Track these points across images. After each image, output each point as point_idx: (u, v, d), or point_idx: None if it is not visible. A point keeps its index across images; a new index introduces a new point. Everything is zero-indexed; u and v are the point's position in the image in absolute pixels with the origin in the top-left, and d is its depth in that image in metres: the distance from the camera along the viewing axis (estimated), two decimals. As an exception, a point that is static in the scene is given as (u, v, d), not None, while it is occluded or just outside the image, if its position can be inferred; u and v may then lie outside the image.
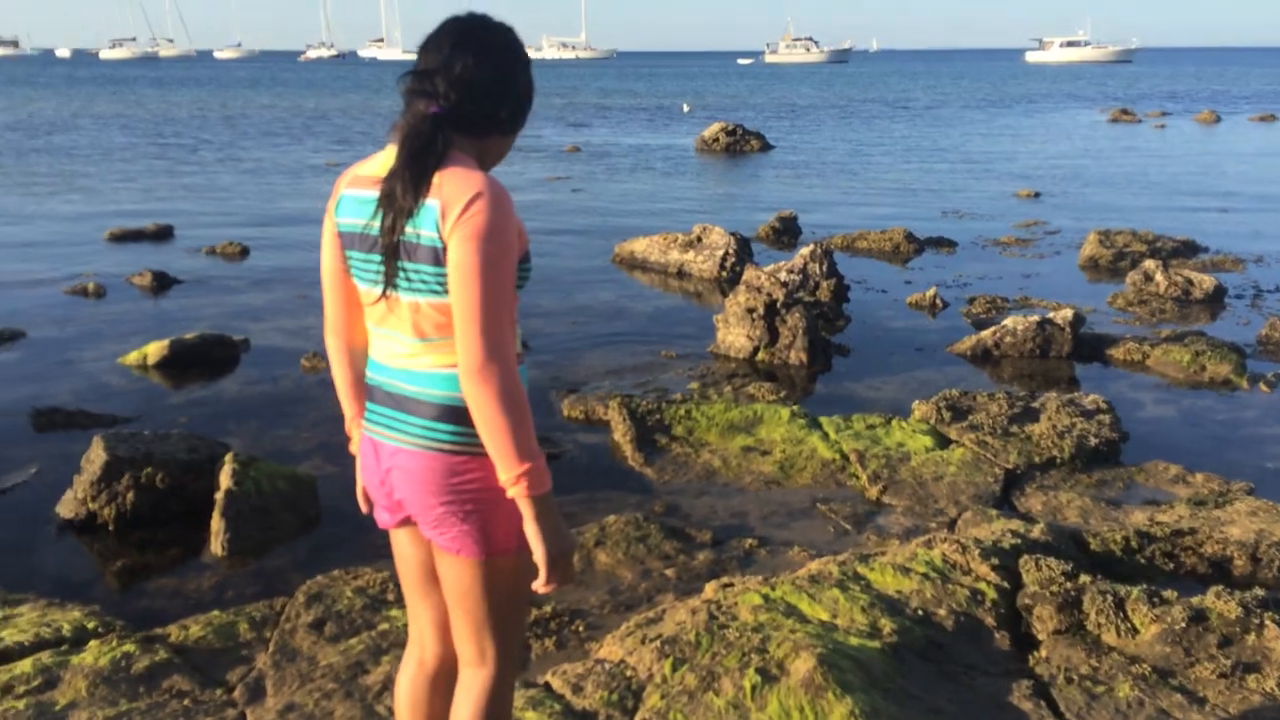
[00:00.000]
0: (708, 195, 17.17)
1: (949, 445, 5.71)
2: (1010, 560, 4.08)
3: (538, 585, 2.17)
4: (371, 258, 2.15)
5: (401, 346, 2.18)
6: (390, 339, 2.20)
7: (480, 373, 2.02)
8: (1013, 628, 3.74)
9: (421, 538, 2.34)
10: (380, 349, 2.24)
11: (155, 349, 7.24)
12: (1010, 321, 7.73)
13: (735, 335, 7.63)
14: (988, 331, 7.77)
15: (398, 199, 2.05)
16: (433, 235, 2.03)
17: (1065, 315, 7.72)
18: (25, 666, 3.42)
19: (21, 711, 3.21)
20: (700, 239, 10.74)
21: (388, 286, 2.11)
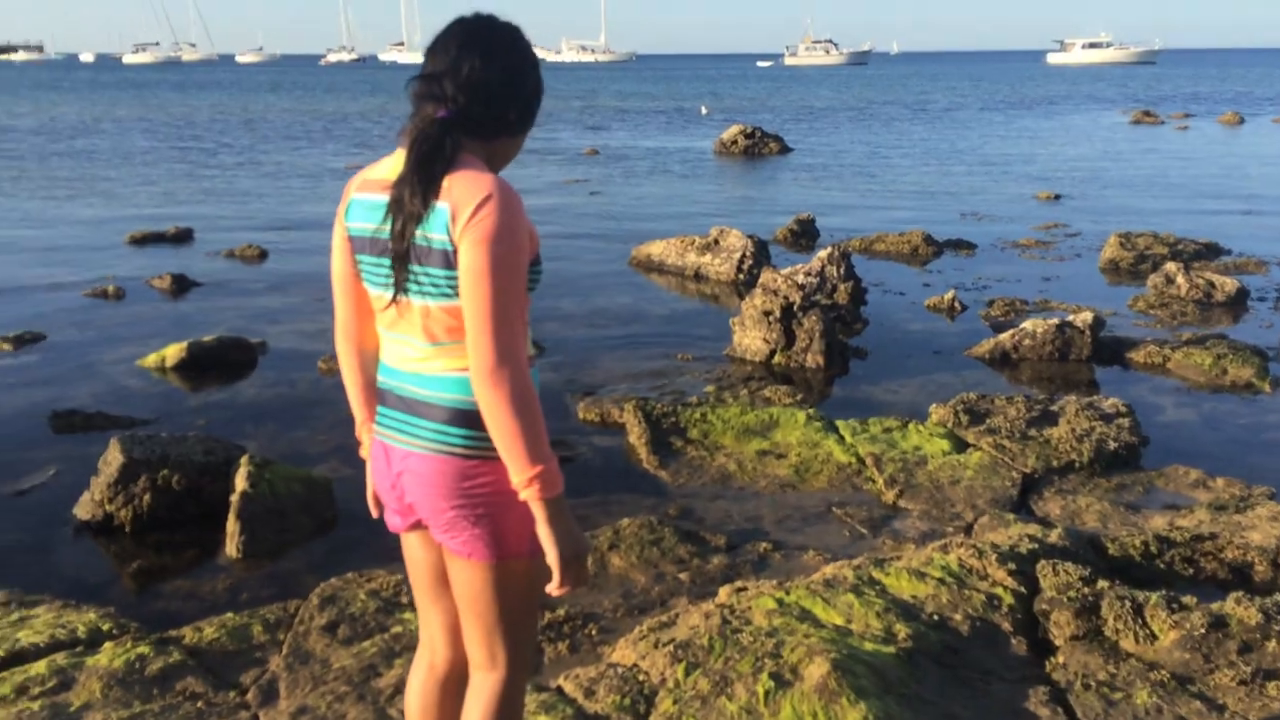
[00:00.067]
0: (725, 198, 17.15)
1: (966, 449, 5.67)
2: (1027, 565, 4.05)
3: (551, 588, 2.16)
4: (381, 262, 2.14)
5: (413, 350, 2.17)
6: (401, 343, 2.19)
7: (492, 376, 2.01)
8: (1029, 633, 3.70)
9: (433, 541, 2.34)
10: (391, 353, 2.23)
11: (173, 351, 7.28)
12: (1029, 324, 7.68)
13: (751, 338, 7.61)
14: (1006, 334, 7.72)
15: (406, 204, 2.05)
16: (443, 238, 2.03)
17: (1085, 318, 7.66)
18: (40, 668, 3.44)
19: (36, 713, 3.22)
20: (717, 241, 10.72)
21: (398, 292, 2.11)
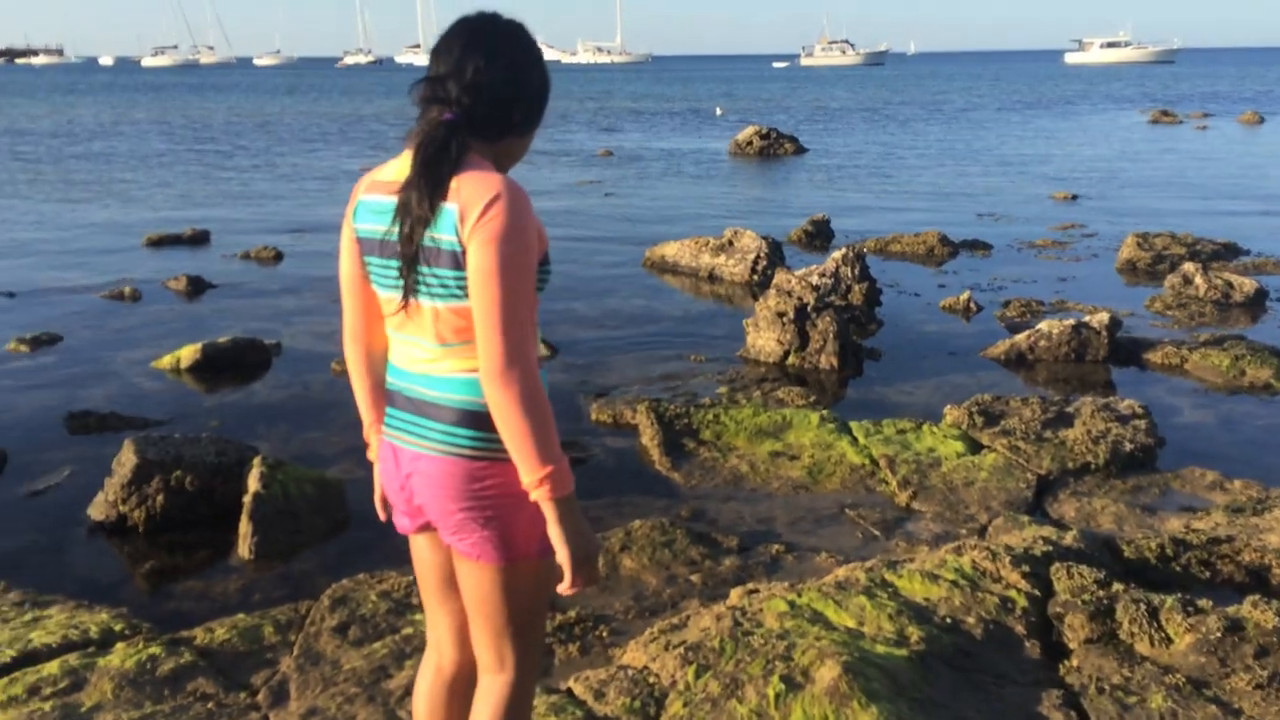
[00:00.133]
0: (740, 199, 17.11)
1: (980, 450, 5.64)
2: (1041, 568, 4.02)
3: (562, 588, 2.15)
4: (390, 264, 2.13)
5: (421, 352, 2.16)
6: (410, 344, 2.18)
7: (502, 376, 2.00)
8: (1043, 636, 3.67)
9: (441, 543, 2.33)
10: (400, 354, 2.23)
11: (188, 353, 7.31)
12: (1045, 325, 7.63)
13: (765, 339, 7.58)
14: (1022, 335, 7.68)
15: (414, 208, 2.04)
16: (451, 239, 2.02)
17: (1101, 319, 7.61)
18: (53, 668, 3.45)
19: (48, 713, 3.23)
20: (731, 243, 10.70)
21: (408, 295, 2.10)
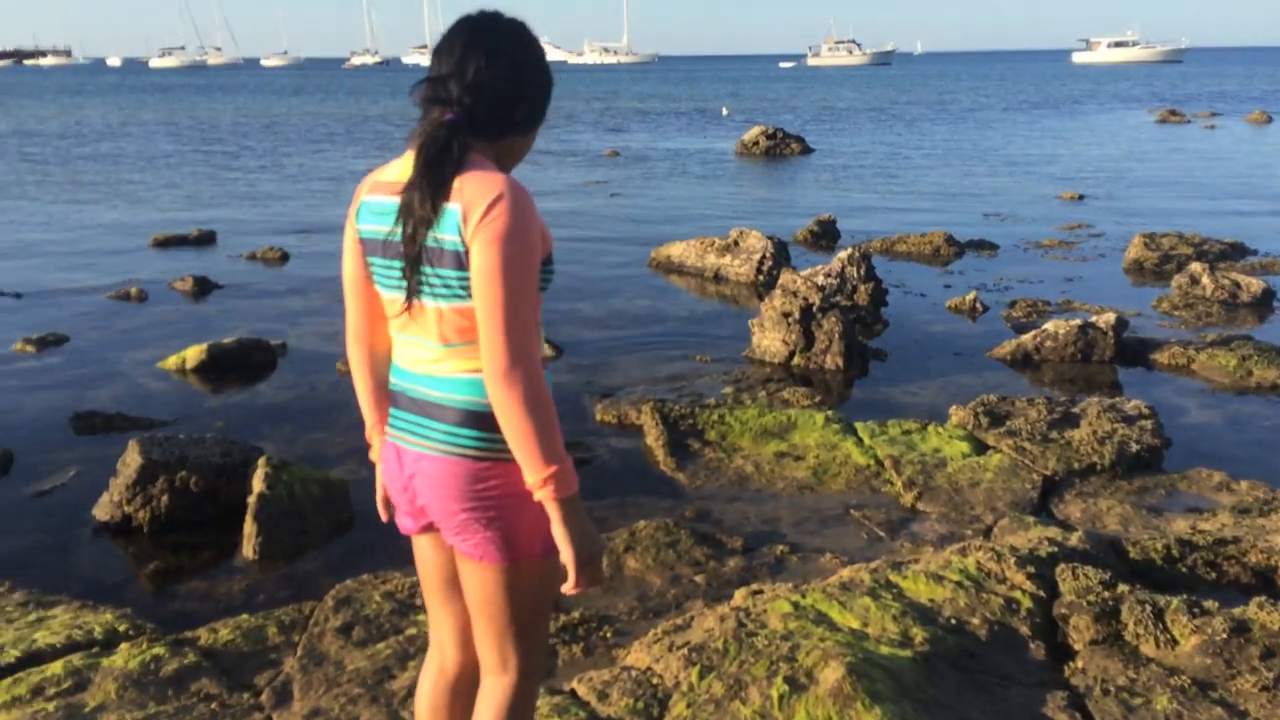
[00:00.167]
0: (746, 199, 17.10)
1: (986, 451, 5.62)
2: (1047, 569, 4.00)
3: (566, 588, 2.15)
4: (393, 265, 2.13)
5: (425, 352, 2.16)
6: (414, 345, 2.18)
7: (505, 376, 2.00)
8: (1048, 638, 3.66)
9: (444, 544, 2.33)
10: (404, 355, 2.23)
11: (194, 353, 7.31)
12: (1051, 325, 7.61)
13: (770, 339, 7.57)
14: (1028, 335, 7.66)
15: (416, 209, 2.04)
16: (455, 239, 2.02)
17: (1108, 319, 7.59)
18: (56, 668, 3.45)
19: (51, 714, 3.23)
20: (737, 243, 10.69)
21: (412, 296, 2.10)
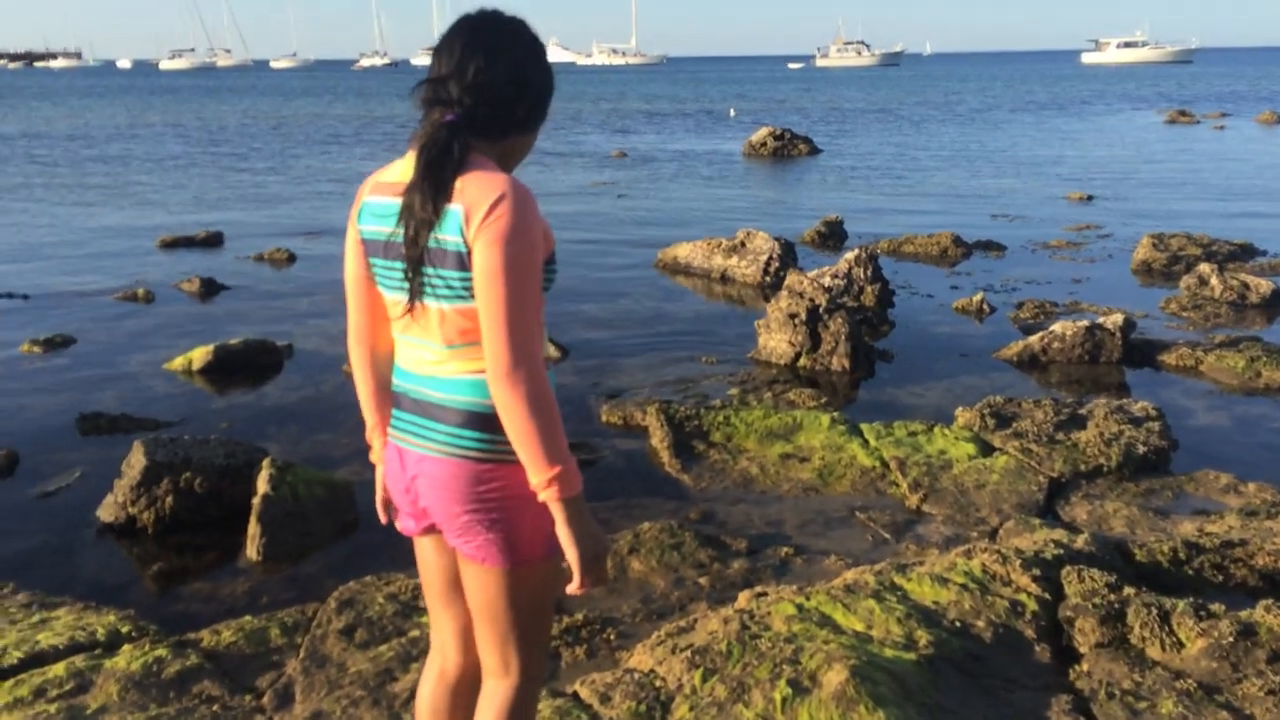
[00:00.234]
0: (753, 200, 17.07)
1: (992, 453, 5.60)
2: (1052, 571, 3.98)
3: (571, 588, 2.14)
4: (395, 266, 2.12)
5: (428, 353, 2.15)
6: (416, 346, 2.17)
7: (509, 377, 1.99)
8: (1053, 641, 3.64)
9: (446, 546, 2.32)
10: (406, 356, 2.22)
11: (200, 354, 7.32)
12: (1059, 327, 7.58)
13: (777, 341, 7.56)
14: (1035, 337, 7.63)
15: (418, 210, 2.03)
16: (457, 240, 2.01)
17: (1115, 320, 7.56)
18: (59, 670, 3.45)
19: (53, 715, 3.23)
20: (744, 244, 10.67)
21: (414, 298, 2.09)
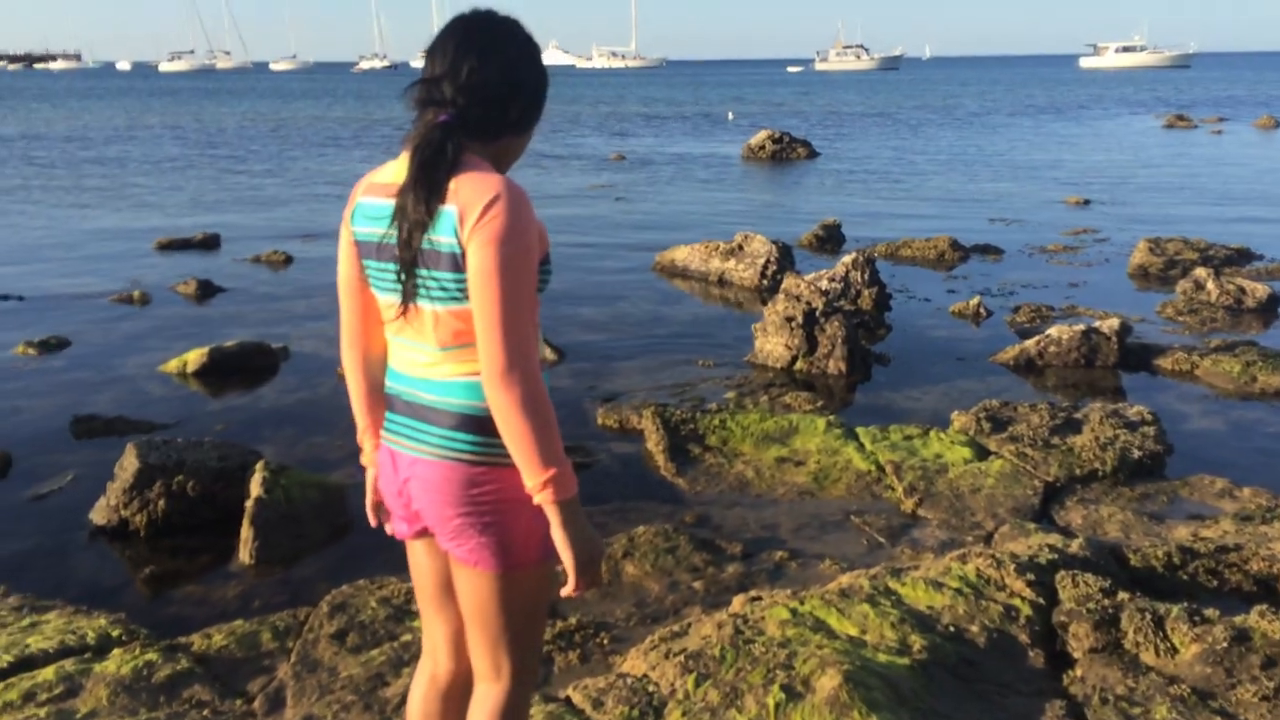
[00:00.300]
0: (751, 203, 17.06)
1: (988, 457, 5.59)
2: (1046, 576, 3.97)
3: (565, 591, 2.13)
4: (388, 267, 2.11)
5: (421, 356, 2.14)
6: (410, 348, 2.16)
7: (503, 378, 1.98)
8: (1047, 646, 3.63)
9: (438, 549, 2.31)
10: (399, 358, 2.21)
11: (195, 357, 7.30)
12: (1055, 331, 7.58)
13: (774, 344, 7.55)
14: (1032, 341, 7.62)
15: (411, 212, 2.02)
16: (451, 241, 2.00)
17: (1112, 324, 7.56)
18: (48, 674, 3.44)
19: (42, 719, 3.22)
20: (741, 247, 10.66)
21: (408, 300, 2.08)
